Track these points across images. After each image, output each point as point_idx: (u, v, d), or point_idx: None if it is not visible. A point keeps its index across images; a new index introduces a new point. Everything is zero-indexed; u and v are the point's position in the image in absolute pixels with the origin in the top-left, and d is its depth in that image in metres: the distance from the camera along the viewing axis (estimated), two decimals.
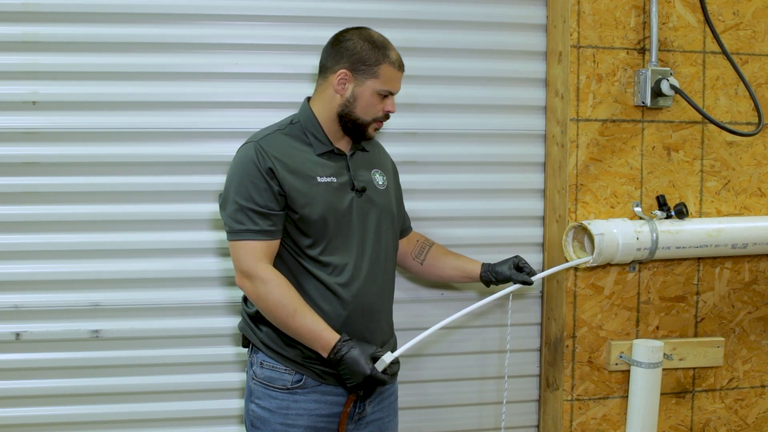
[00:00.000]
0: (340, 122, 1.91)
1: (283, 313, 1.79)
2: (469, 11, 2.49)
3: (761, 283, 2.63)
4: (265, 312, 1.84)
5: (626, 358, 2.48)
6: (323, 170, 1.89)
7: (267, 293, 1.79)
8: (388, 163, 2.14)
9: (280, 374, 1.89)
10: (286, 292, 1.80)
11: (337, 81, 1.88)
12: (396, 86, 1.93)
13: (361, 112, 1.90)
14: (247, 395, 1.96)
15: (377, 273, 1.95)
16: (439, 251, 2.22)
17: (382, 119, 1.95)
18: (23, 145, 2.30)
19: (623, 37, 2.45)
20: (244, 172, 1.82)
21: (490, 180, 2.56)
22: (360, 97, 1.88)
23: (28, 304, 2.34)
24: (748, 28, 2.54)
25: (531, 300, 2.63)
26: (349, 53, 1.87)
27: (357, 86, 1.88)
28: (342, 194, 1.89)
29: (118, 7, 2.30)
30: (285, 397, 1.88)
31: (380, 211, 1.97)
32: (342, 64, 1.87)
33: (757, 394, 2.68)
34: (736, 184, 2.57)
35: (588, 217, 2.46)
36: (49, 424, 2.39)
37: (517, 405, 2.65)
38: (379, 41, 1.90)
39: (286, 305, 1.79)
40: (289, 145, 1.88)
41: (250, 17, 2.39)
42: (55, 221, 2.33)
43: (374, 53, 1.87)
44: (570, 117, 2.43)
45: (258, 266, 1.80)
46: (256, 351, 1.94)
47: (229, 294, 2.43)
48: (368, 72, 1.87)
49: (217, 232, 2.39)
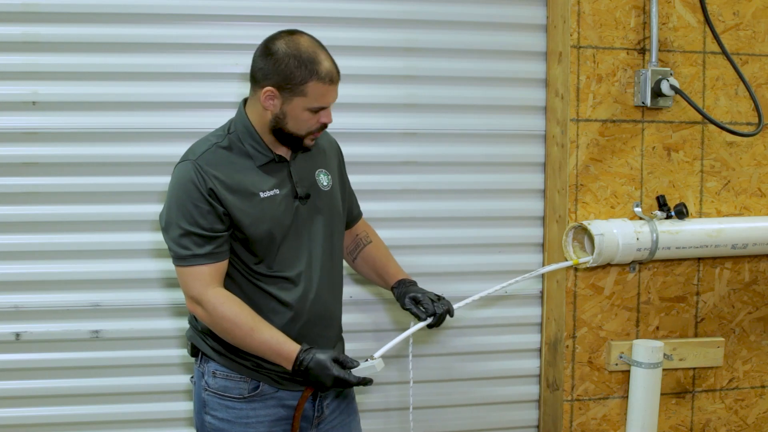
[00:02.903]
0: (274, 135, 1.81)
1: (239, 334, 1.73)
2: (469, 11, 2.49)
3: (761, 283, 2.63)
4: (222, 335, 1.77)
5: (626, 359, 2.48)
6: (265, 183, 1.80)
7: (220, 317, 1.73)
8: (330, 155, 2.00)
9: (235, 383, 1.82)
10: (240, 312, 1.73)
11: (264, 98, 1.75)
12: (327, 101, 1.78)
13: (293, 128, 1.78)
14: (199, 408, 1.86)
15: (329, 278, 1.90)
16: (371, 253, 2.09)
17: (318, 130, 1.83)
18: (23, 145, 2.30)
19: (623, 38, 2.45)
20: (185, 193, 1.73)
21: (490, 180, 2.56)
22: (289, 114, 1.76)
23: (28, 304, 2.34)
24: (748, 29, 2.54)
25: (531, 300, 2.62)
26: (274, 70, 1.72)
27: (285, 104, 1.75)
28: (286, 205, 1.82)
29: (118, 7, 2.30)
30: (243, 406, 1.82)
31: (327, 214, 1.90)
32: (268, 81, 1.73)
33: (757, 395, 2.68)
34: (736, 184, 2.57)
35: (588, 218, 2.46)
36: (49, 424, 2.39)
37: (517, 405, 2.65)
38: (307, 54, 1.73)
39: (242, 325, 1.72)
40: (228, 161, 1.78)
41: (250, 17, 2.39)
42: (55, 221, 2.33)
43: (300, 71, 1.71)
44: (570, 117, 2.43)
45: (207, 291, 1.73)
46: (207, 360, 1.85)
47: None
48: (295, 90, 1.73)
49: None
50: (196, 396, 1.88)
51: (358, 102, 2.46)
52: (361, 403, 2.53)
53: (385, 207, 2.50)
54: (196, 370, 1.89)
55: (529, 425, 2.67)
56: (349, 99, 2.44)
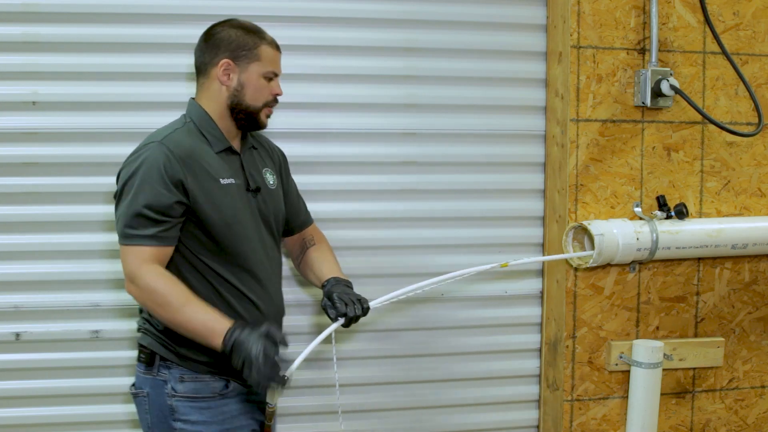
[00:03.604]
0: (232, 115, 1.87)
1: (170, 310, 1.70)
2: (469, 11, 2.49)
3: (761, 283, 2.63)
4: (153, 311, 1.74)
5: (626, 359, 2.48)
6: (224, 171, 1.83)
7: (152, 292, 1.70)
8: (275, 159, 2.07)
9: (206, 383, 1.81)
10: (172, 288, 1.71)
11: (221, 72, 1.83)
12: (278, 67, 1.91)
13: (251, 99, 1.86)
14: (162, 417, 1.81)
15: (275, 273, 1.94)
16: (311, 254, 2.11)
17: (272, 103, 1.92)
18: (23, 146, 2.29)
19: (623, 38, 2.45)
20: (146, 175, 1.73)
21: (490, 180, 2.56)
22: (247, 84, 1.84)
23: (28, 304, 2.34)
24: (748, 29, 2.54)
25: (531, 300, 2.62)
26: (225, 43, 1.84)
27: (242, 73, 1.84)
28: (241, 196, 1.85)
29: (118, 7, 2.30)
30: (217, 404, 1.81)
31: (273, 211, 1.94)
32: (221, 55, 1.83)
33: (757, 395, 2.68)
34: (736, 184, 2.57)
35: (588, 218, 2.46)
36: (49, 424, 2.38)
37: (517, 405, 2.65)
38: (251, 26, 1.89)
39: (172, 301, 1.69)
40: (191, 144, 1.81)
41: (250, 17, 2.35)
42: (55, 221, 2.33)
43: (250, 37, 1.85)
44: (570, 117, 2.43)
45: (142, 267, 1.71)
46: (169, 366, 1.81)
47: None
48: (249, 56, 1.84)
49: None
50: (155, 406, 1.82)
51: (358, 102, 2.46)
52: (358, 403, 2.54)
53: (385, 207, 2.50)
54: (150, 379, 1.83)
55: (529, 425, 2.67)
56: (350, 99, 2.45)
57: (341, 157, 2.46)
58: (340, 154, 2.46)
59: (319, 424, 2.51)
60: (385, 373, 2.55)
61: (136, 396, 1.86)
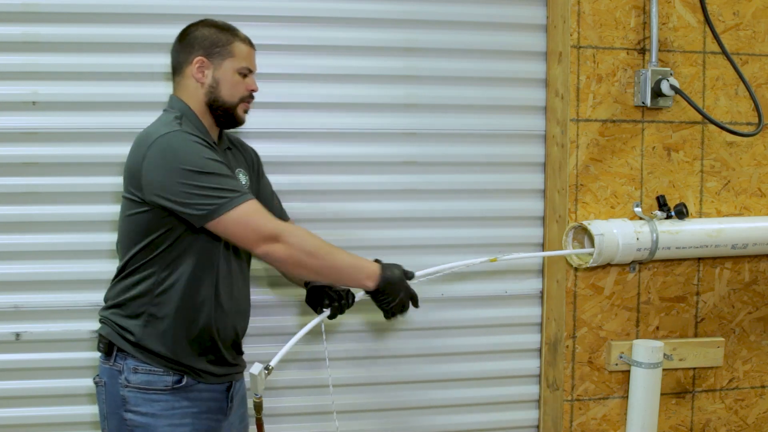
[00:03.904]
0: (211, 112, 1.89)
1: (323, 253, 1.76)
2: (469, 11, 2.49)
3: (761, 283, 2.63)
4: (305, 266, 1.75)
5: (626, 359, 2.48)
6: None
7: (301, 242, 1.74)
8: (249, 159, 2.10)
9: (158, 376, 1.80)
10: (311, 234, 1.79)
11: (195, 70, 1.86)
12: (252, 63, 1.93)
13: (227, 95, 1.88)
14: (115, 407, 1.82)
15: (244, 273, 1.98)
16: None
17: (248, 99, 1.93)
18: (23, 145, 2.29)
19: (623, 38, 2.45)
20: (190, 153, 1.71)
21: (490, 180, 2.56)
22: (222, 80, 1.87)
23: (28, 304, 2.34)
24: (748, 29, 2.54)
25: (531, 300, 2.62)
26: (199, 41, 1.87)
27: (216, 70, 1.87)
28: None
29: (118, 7, 2.30)
30: (167, 398, 1.81)
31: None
32: (196, 53, 1.86)
33: (757, 395, 2.68)
34: (736, 184, 2.57)
35: (588, 218, 2.46)
36: (49, 424, 2.38)
37: (517, 405, 2.65)
38: (224, 24, 1.92)
39: (322, 245, 1.77)
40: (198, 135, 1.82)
41: (250, 17, 2.39)
42: (55, 221, 2.33)
43: (223, 35, 1.88)
44: (570, 117, 2.43)
45: (275, 221, 1.74)
46: (125, 357, 1.81)
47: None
48: (223, 53, 1.87)
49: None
50: (110, 395, 1.83)
51: (358, 102, 2.46)
52: (358, 403, 2.54)
53: (385, 207, 2.50)
54: (108, 369, 1.84)
55: (529, 425, 2.67)
56: (350, 99, 2.45)
57: (341, 157, 2.46)
58: (340, 154, 2.46)
59: (317, 425, 2.51)
60: (384, 373, 2.55)
61: (97, 385, 1.88)
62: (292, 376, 2.49)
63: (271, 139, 2.41)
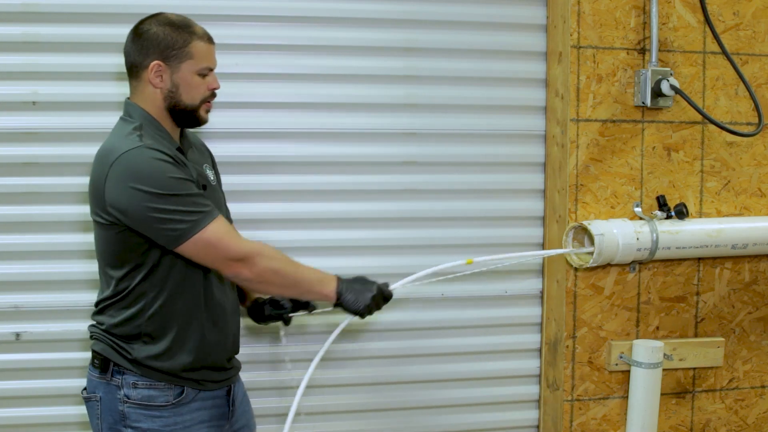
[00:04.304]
0: (171, 116, 1.79)
1: (287, 271, 1.75)
2: (469, 11, 2.49)
3: (761, 283, 2.63)
4: (271, 284, 1.75)
5: (626, 359, 2.48)
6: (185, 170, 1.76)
7: (268, 262, 1.73)
8: (208, 155, 2.02)
9: (160, 391, 1.76)
10: (275, 250, 1.77)
11: (152, 75, 1.74)
12: (212, 61, 1.82)
13: (188, 98, 1.77)
14: (113, 422, 1.77)
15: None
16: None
17: (210, 98, 1.84)
18: (23, 145, 2.29)
19: (623, 38, 2.45)
20: (153, 173, 1.65)
21: (490, 180, 2.56)
22: (182, 83, 1.76)
23: (28, 304, 2.34)
24: (748, 29, 2.54)
25: (531, 300, 2.62)
26: (154, 43, 1.73)
27: (174, 73, 1.75)
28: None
29: (118, 7, 2.30)
30: (169, 413, 1.77)
31: (221, 207, 1.90)
32: (151, 57, 1.74)
33: (757, 395, 2.68)
34: (736, 184, 2.57)
35: (588, 218, 2.46)
36: (49, 424, 2.38)
37: (517, 405, 2.65)
38: (180, 21, 1.78)
39: (286, 263, 1.76)
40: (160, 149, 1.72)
41: (250, 17, 2.39)
42: (55, 221, 2.33)
43: (180, 34, 1.75)
44: (570, 117, 2.43)
45: (242, 243, 1.71)
46: (122, 372, 1.76)
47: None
48: (180, 55, 1.74)
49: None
50: (107, 411, 1.78)
51: (358, 102, 2.46)
52: (359, 403, 2.54)
53: (385, 207, 2.50)
54: (104, 384, 1.78)
55: (529, 425, 2.67)
56: (350, 99, 2.45)
57: (341, 157, 2.46)
58: (340, 154, 2.46)
59: (318, 424, 2.51)
60: (385, 373, 2.55)
61: (88, 400, 1.82)
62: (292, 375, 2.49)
63: (271, 139, 2.41)
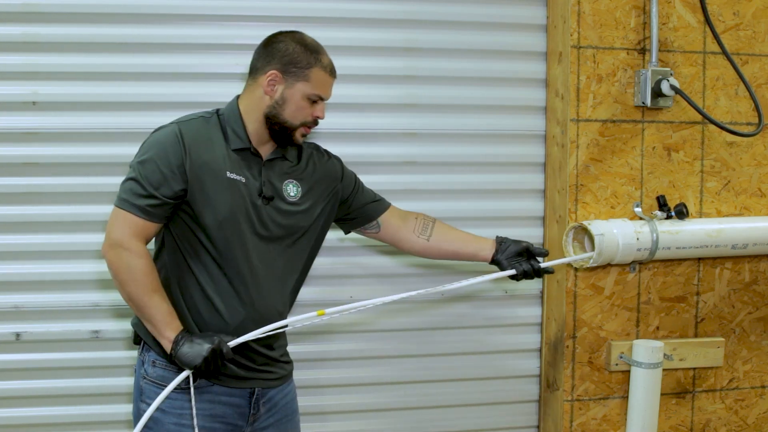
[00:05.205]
0: (266, 124, 1.85)
1: (141, 289, 1.76)
2: (469, 11, 2.49)
3: (761, 283, 2.63)
4: (123, 283, 1.77)
5: (626, 359, 2.48)
6: (235, 167, 1.83)
7: (133, 265, 1.75)
8: (320, 171, 2.00)
9: (173, 373, 1.80)
10: (153, 272, 1.78)
11: (266, 82, 1.82)
12: (327, 92, 1.87)
13: (289, 116, 1.84)
14: (137, 395, 1.87)
15: (275, 284, 1.89)
16: (443, 227, 2.14)
17: (311, 125, 1.88)
18: (23, 146, 2.30)
19: (623, 38, 2.45)
20: (156, 153, 1.78)
21: (490, 180, 2.56)
22: (289, 100, 1.83)
23: (28, 304, 2.34)
24: (748, 29, 2.54)
25: (531, 300, 2.62)
26: (280, 54, 1.82)
27: (287, 88, 1.82)
28: (249, 196, 1.83)
29: (118, 7, 2.30)
30: (178, 396, 1.81)
31: (286, 223, 1.89)
32: (273, 65, 1.82)
33: (758, 395, 2.68)
34: (736, 184, 2.57)
35: (588, 218, 2.46)
36: (49, 424, 2.39)
37: (517, 405, 2.65)
38: (312, 45, 1.85)
39: (148, 283, 1.76)
40: (207, 134, 1.83)
41: (250, 17, 2.39)
42: (55, 221, 2.33)
43: (306, 56, 1.82)
44: (570, 117, 2.43)
45: (132, 239, 1.76)
46: (148, 349, 1.86)
47: None
48: (299, 74, 1.82)
49: None
50: (135, 384, 1.89)
51: (358, 102, 2.46)
52: (359, 403, 2.54)
53: None
54: (138, 358, 1.90)
55: (529, 425, 2.67)
56: (350, 99, 2.45)
57: (341, 157, 2.45)
58: (340, 154, 2.44)
59: (317, 424, 2.51)
60: (385, 373, 2.55)
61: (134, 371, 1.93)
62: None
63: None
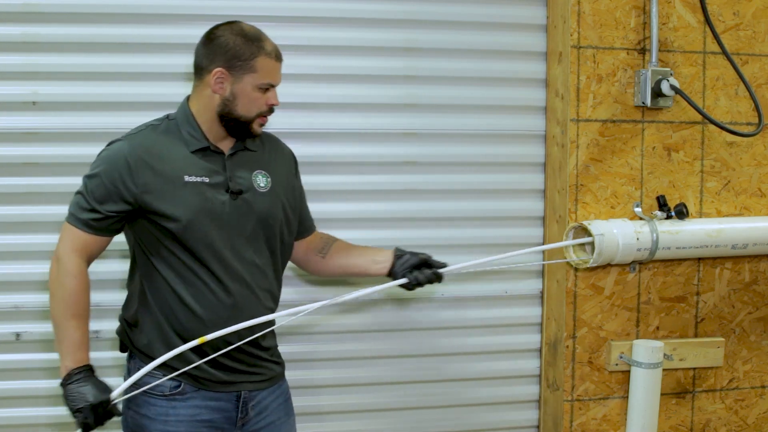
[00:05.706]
0: (221, 122, 1.82)
1: (63, 309, 1.78)
2: (469, 11, 2.49)
3: (761, 283, 2.63)
4: (51, 296, 1.81)
5: (626, 359, 2.48)
6: (194, 169, 1.80)
7: (65, 284, 1.78)
8: (280, 162, 1.98)
9: (157, 380, 1.78)
10: (82, 295, 1.81)
11: (213, 80, 1.78)
12: (276, 78, 1.84)
13: (243, 110, 1.81)
14: (125, 402, 1.83)
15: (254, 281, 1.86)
16: (343, 244, 2.10)
17: (267, 113, 1.85)
18: (23, 146, 2.30)
19: (623, 38, 2.45)
20: (103, 169, 1.80)
21: (490, 180, 2.56)
22: (240, 95, 1.79)
23: (28, 304, 2.34)
24: (748, 29, 2.54)
25: (531, 300, 2.62)
26: (222, 50, 1.78)
27: (235, 83, 1.79)
28: (214, 195, 1.80)
29: (118, 7, 2.30)
30: (163, 403, 1.81)
31: (260, 213, 1.86)
32: (217, 63, 1.78)
33: (758, 395, 2.68)
34: (736, 184, 2.57)
35: (588, 218, 2.46)
36: (49, 424, 2.39)
37: (517, 405, 2.65)
38: (252, 33, 1.81)
39: (71, 305, 1.78)
40: (159, 143, 1.81)
41: (250, 17, 2.35)
42: (55, 221, 2.31)
43: (248, 47, 1.78)
44: (570, 117, 2.43)
45: (72, 257, 1.80)
46: (134, 357, 1.87)
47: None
48: (245, 67, 1.78)
49: None
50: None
51: (358, 102, 2.46)
52: (359, 403, 2.54)
53: (385, 207, 2.50)
54: (125, 366, 1.91)
55: (529, 425, 2.67)
56: (350, 99, 2.45)
57: (341, 157, 2.46)
58: (340, 154, 2.46)
59: (317, 424, 2.51)
60: (385, 373, 2.55)
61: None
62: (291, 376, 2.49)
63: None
